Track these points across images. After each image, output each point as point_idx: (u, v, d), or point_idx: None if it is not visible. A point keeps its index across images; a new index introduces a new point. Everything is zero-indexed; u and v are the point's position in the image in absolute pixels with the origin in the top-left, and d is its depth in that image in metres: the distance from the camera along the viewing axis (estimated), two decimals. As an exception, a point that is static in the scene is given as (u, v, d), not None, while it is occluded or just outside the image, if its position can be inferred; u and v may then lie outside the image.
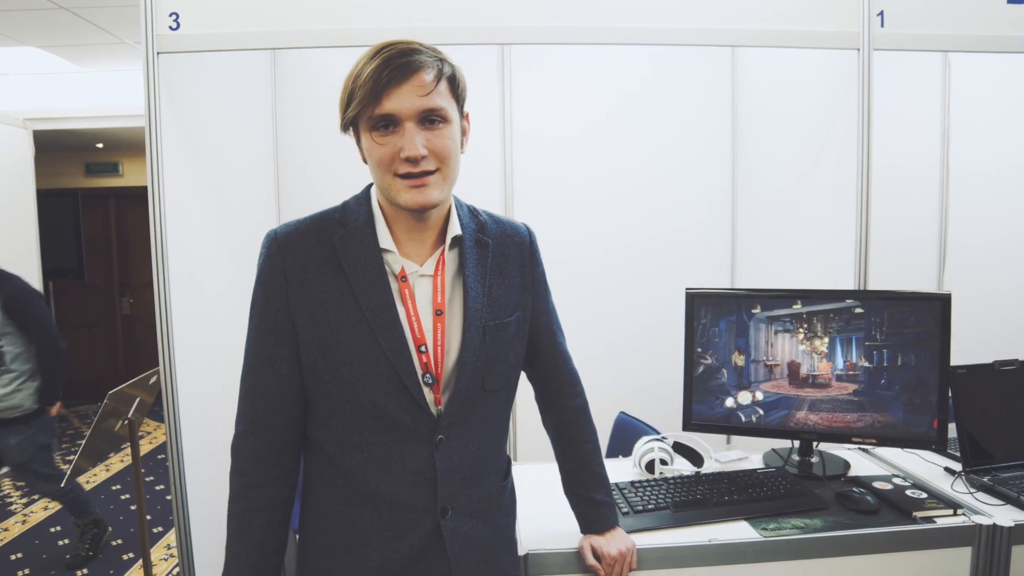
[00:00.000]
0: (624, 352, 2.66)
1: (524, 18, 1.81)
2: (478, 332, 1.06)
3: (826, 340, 1.65)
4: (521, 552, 1.27)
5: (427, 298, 1.06)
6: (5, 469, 3.32)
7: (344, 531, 1.05)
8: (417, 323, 1.04)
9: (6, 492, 4.15)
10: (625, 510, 1.44)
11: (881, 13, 1.80)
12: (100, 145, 5.86)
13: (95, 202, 6.19)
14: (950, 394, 1.58)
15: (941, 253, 2.68)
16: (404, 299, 1.04)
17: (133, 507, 3.81)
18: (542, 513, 1.40)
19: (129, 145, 5.82)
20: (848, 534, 1.34)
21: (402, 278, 1.04)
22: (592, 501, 1.27)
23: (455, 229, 1.08)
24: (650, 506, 1.45)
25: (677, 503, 1.46)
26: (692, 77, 2.61)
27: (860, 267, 1.91)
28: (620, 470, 1.69)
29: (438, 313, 1.05)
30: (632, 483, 1.56)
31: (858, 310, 1.62)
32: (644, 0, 1.80)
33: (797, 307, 1.67)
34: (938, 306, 1.56)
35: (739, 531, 1.36)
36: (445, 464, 1.05)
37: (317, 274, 1.03)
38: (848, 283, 1.97)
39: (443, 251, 1.07)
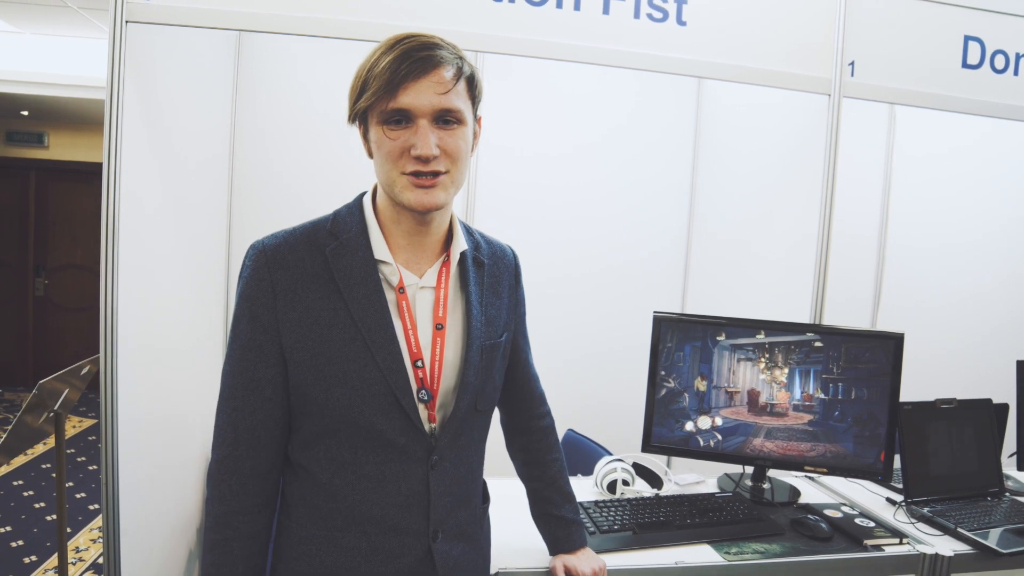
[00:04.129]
0: (575, 372, 2.68)
1: (498, 28, 1.80)
2: (478, 352, 1.03)
3: (786, 371, 1.70)
4: (492, 571, 1.24)
5: (427, 311, 1.02)
6: None
7: (329, 558, 1.00)
8: (415, 337, 1.00)
9: None
10: (591, 530, 1.43)
11: (852, 63, 1.90)
12: (25, 113, 5.45)
13: (14, 173, 5.73)
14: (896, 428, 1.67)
15: (876, 298, 2.84)
16: (401, 312, 0.99)
17: (37, 505, 3.52)
18: (512, 528, 1.37)
19: (57, 115, 5.44)
20: (806, 559, 1.39)
21: (400, 289, 1.00)
22: (563, 520, 1.26)
23: (461, 244, 1.05)
24: (615, 527, 1.45)
25: (641, 524, 1.47)
26: (657, 106, 2.68)
27: (816, 304, 2.00)
28: (579, 489, 1.68)
29: (438, 327, 1.01)
30: (596, 503, 1.56)
31: (818, 344, 1.69)
32: (629, 25, 1.82)
33: (760, 337, 1.72)
34: (891, 344, 1.65)
35: (702, 554, 1.38)
36: (439, 486, 1.02)
37: (309, 290, 0.97)
38: (798, 318, 2.05)
39: (446, 263, 1.04)
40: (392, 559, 1.00)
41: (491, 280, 1.10)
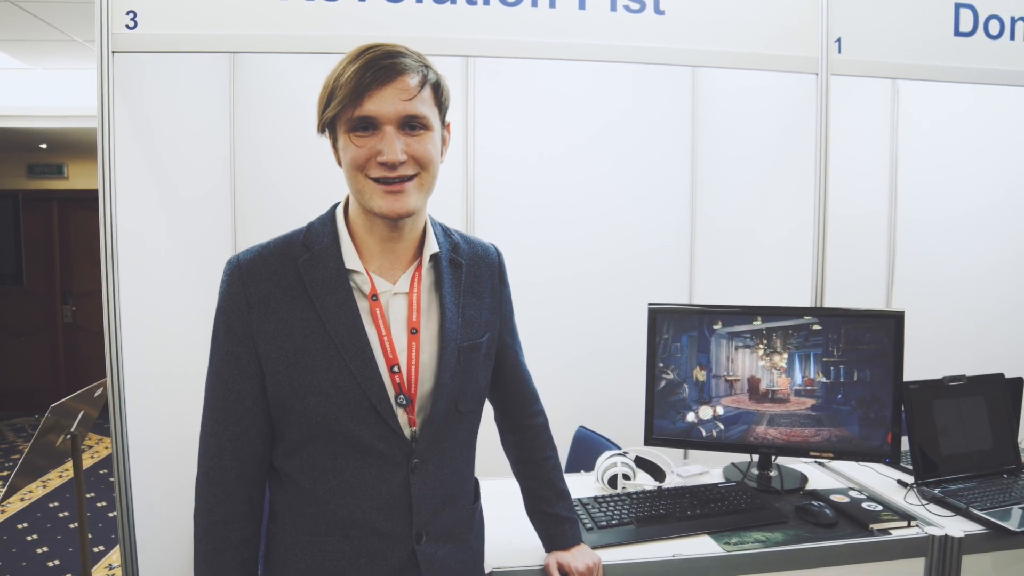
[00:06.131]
0: (583, 368, 2.68)
1: (487, 31, 1.81)
2: (454, 353, 1.04)
3: (785, 356, 1.68)
4: (487, 570, 1.24)
5: (401, 316, 1.03)
6: None
7: (314, 563, 1.01)
8: (390, 343, 1.01)
9: None
10: (589, 526, 1.43)
11: (839, 40, 1.86)
12: (44, 146, 5.61)
13: (37, 205, 5.91)
14: (902, 409, 1.63)
15: (889, 275, 2.78)
16: (375, 319, 1.01)
17: (72, 525, 3.63)
18: (506, 527, 1.37)
19: (75, 146, 5.60)
20: (808, 547, 1.36)
21: (373, 297, 1.01)
22: (556, 517, 1.25)
23: (433, 247, 1.06)
24: (614, 521, 1.44)
25: (640, 518, 1.46)
26: (653, 98, 2.66)
27: (817, 286, 1.96)
28: (582, 485, 1.69)
29: (413, 332, 1.02)
30: (595, 498, 1.55)
31: (816, 327, 1.66)
32: (606, 18, 1.82)
33: (757, 323, 1.70)
34: (892, 323, 1.61)
35: (702, 546, 1.37)
36: (420, 488, 1.02)
37: (282, 301, 0.99)
38: (804, 302, 2.03)
39: (419, 268, 1.05)
40: (375, 562, 1.01)
41: (470, 281, 1.10)
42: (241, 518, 1.03)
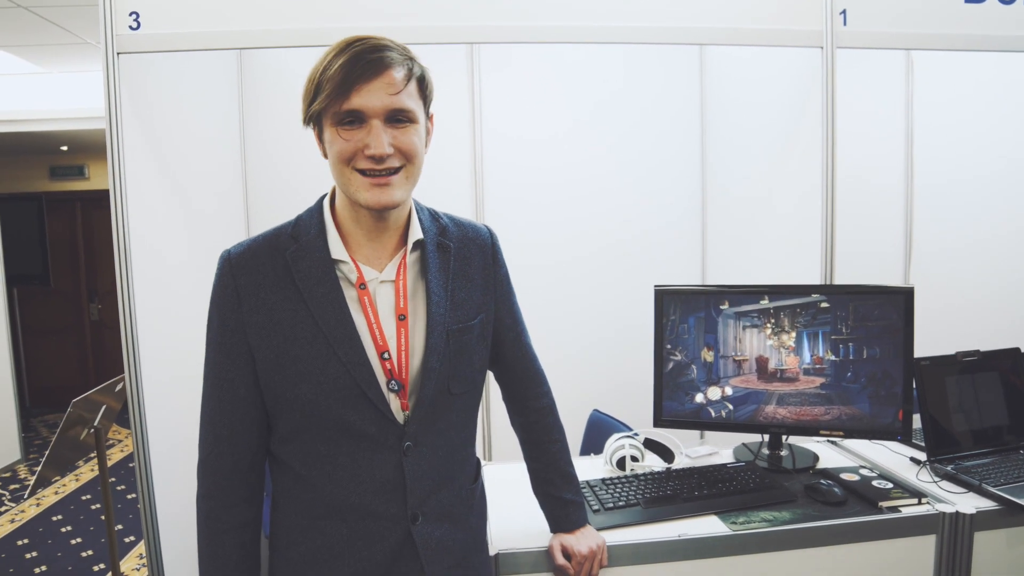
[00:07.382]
0: (597, 351, 2.67)
1: (493, 17, 1.80)
2: (442, 337, 1.05)
3: (793, 335, 1.67)
4: (492, 552, 1.26)
5: (389, 304, 1.04)
6: None
7: (313, 545, 1.04)
8: (379, 330, 1.02)
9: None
10: (596, 507, 1.44)
11: (844, 11, 1.82)
12: (65, 148, 5.72)
13: (60, 206, 6.05)
14: (914, 385, 1.61)
15: (907, 248, 2.73)
16: (364, 307, 1.02)
17: (103, 517, 3.73)
18: (513, 512, 1.39)
19: (95, 147, 5.69)
20: (815, 526, 1.36)
21: (360, 286, 1.03)
22: (561, 500, 1.27)
23: (416, 233, 1.07)
24: (620, 503, 1.45)
25: (647, 499, 1.46)
26: (661, 76, 2.63)
27: (826, 262, 1.94)
28: (592, 468, 1.70)
29: (401, 318, 1.04)
30: (603, 480, 1.56)
31: (824, 304, 1.64)
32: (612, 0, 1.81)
33: (764, 302, 1.68)
34: (901, 299, 1.59)
35: (709, 525, 1.37)
36: (414, 470, 1.04)
37: (271, 292, 1.01)
38: (818, 274, 2.00)
39: (404, 255, 1.06)
40: (372, 544, 1.03)
41: (459, 263, 1.11)
42: (239, 502, 1.06)
